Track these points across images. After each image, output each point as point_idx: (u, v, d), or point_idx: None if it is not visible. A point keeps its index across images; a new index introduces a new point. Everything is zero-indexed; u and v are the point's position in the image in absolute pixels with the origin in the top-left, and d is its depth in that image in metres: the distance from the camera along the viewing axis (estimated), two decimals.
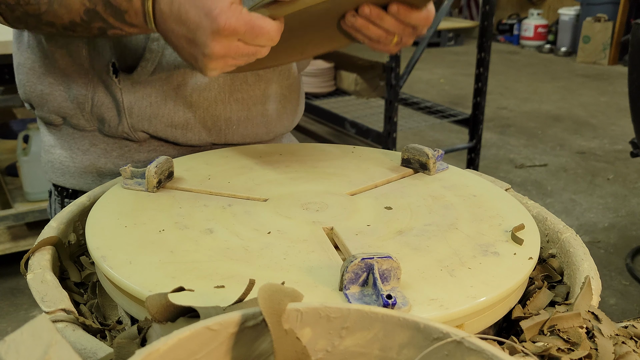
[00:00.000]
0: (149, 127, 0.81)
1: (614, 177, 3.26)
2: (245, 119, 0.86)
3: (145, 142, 0.84)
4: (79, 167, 0.85)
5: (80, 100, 0.81)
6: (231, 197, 0.67)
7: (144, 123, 0.81)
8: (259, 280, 0.47)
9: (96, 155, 0.84)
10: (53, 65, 0.81)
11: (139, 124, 0.81)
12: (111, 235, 0.57)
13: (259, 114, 0.87)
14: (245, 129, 0.87)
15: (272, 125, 0.90)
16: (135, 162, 0.84)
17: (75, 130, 0.84)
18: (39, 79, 0.82)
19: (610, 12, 6.00)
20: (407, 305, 0.46)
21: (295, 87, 0.93)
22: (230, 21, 0.59)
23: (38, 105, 0.84)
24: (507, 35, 7.22)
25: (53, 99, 0.82)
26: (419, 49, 2.62)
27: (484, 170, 3.25)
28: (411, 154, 0.76)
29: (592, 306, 0.52)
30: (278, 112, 0.90)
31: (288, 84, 0.90)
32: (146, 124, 0.81)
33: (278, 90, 0.89)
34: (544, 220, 0.67)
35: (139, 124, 0.81)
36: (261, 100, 0.87)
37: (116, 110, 0.81)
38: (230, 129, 0.85)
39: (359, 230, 0.59)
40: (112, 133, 0.82)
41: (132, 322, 0.54)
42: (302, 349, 0.35)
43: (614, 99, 4.75)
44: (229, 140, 0.86)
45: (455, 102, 4.55)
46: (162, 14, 0.65)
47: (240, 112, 0.85)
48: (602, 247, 2.54)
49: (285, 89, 0.90)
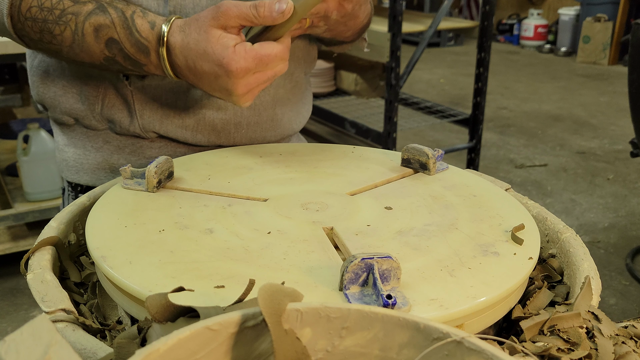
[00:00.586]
0: (159, 128, 0.82)
1: (614, 177, 3.27)
2: (255, 124, 0.87)
3: (157, 139, 0.85)
4: (92, 164, 0.86)
5: (91, 101, 0.82)
6: (231, 197, 0.67)
7: (155, 124, 0.82)
8: (259, 280, 0.47)
9: (109, 152, 0.85)
10: (66, 69, 0.82)
11: (150, 125, 0.82)
12: (111, 235, 0.57)
13: (268, 119, 0.88)
14: (254, 132, 0.87)
15: (280, 128, 0.90)
16: (147, 158, 0.85)
17: (88, 130, 0.85)
18: (52, 82, 0.83)
19: (610, 12, 6.00)
20: (407, 305, 0.46)
21: (301, 89, 0.94)
22: (239, 64, 0.65)
23: (51, 107, 0.85)
24: (507, 35, 7.22)
25: (65, 101, 0.83)
26: (419, 49, 2.62)
27: (484, 170, 3.26)
28: (411, 154, 0.76)
29: (592, 306, 0.52)
30: (286, 114, 0.91)
31: (292, 87, 0.91)
32: (157, 125, 0.82)
33: (285, 94, 0.90)
34: (544, 220, 0.67)
35: (150, 124, 0.82)
36: (271, 104, 0.88)
37: (127, 111, 0.81)
38: (239, 132, 0.86)
39: (359, 230, 0.59)
40: (124, 132, 0.83)
41: (132, 322, 0.54)
42: (302, 349, 0.35)
43: (614, 99, 4.75)
44: (237, 142, 0.87)
45: (455, 102, 4.55)
46: (179, 68, 0.70)
47: (251, 117, 0.86)
48: (602, 247, 2.54)
49: (290, 92, 0.91)
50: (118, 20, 0.69)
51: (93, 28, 0.69)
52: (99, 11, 0.69)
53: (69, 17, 0.69)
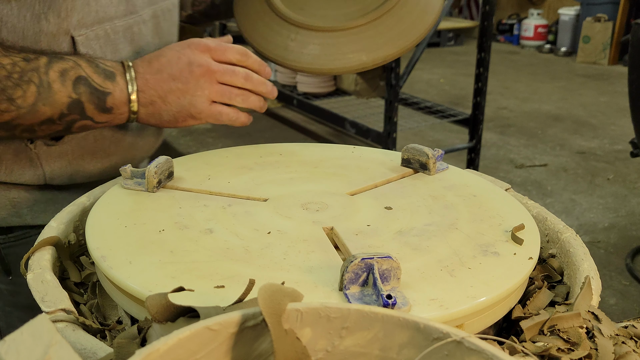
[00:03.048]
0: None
1: (614, 177, 3.27)
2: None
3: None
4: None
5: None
6: (231, 197, 0.67)
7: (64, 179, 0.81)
8: (259, 280, 0.47)
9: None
10: None
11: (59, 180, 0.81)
12: (111, 235, 0.57)
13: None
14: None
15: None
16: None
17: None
18: None
19: (610, 12, 6.00)
20: (407, 305, 0.46)
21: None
22: (204, 41, 0.76)
23: None
24: (507, 35, 7.21)
25: None
26: (419, 49, 2.62)
27: (484, 170, 3.25)
28: (411, 154, 0.76)
29: (592, 306, 0.52)
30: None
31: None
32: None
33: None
34: (544, 220, 0.67)
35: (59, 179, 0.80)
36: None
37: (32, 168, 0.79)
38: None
39: (359, 230, 0.59)
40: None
41: (132, 322, 0.54)
42: (302, 349, 0.35)
43: (614, 99, 4.75)
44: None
45: (455, 102, 4.55)
46: (146, 82, 0.73)
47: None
48: (602, 247, 2.54)
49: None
50: (81, 60, 0.71)
51: (58, 74, 0.69)
52: (57, 59, 0.69)
53: (30, 74, 0.67)
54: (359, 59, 0.78)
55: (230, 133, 3.85)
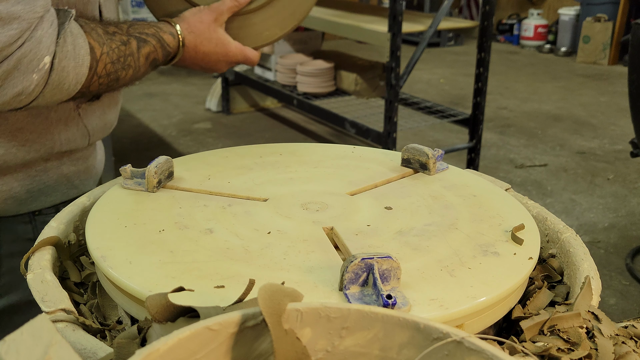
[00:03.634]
0: None
1: (614, 177, 3.27)
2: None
3: None
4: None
5: None
6: (231, 197, 0.67)
7: None
8: (259, 280, 0.47)
9: None
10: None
11: None
12: (111, 235, 0.57)
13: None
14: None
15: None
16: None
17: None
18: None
19: (610, 12, 5.99)
20: (407, 305, 0.46)
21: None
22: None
23: None
24: (507, 35, 7.21)
25: None
26: (419, 49, 2.62)
27: (484, 170, 3.25)
28: (411, 154, 0.76)
29: (592, 306, 0.52)
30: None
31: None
32: None
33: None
34: (544, 220, 0.67)
35: None
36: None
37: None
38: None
39: (359, 230, 0.59)
40: None
41: (132, 322, 0.54)
42: (302, 349, 0.35)
43: (614, 99, 4.75)
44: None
45: (455, 102, 4.55)
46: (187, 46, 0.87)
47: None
48: (602, 247, 2.54)
49: None
50: (158, 44, 0.83)
51: (145, 57, 0.81)
52: (142, 43, 0.80)
53: (129, 59, 0.78)
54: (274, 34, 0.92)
55: (230, 133, 3.85)
